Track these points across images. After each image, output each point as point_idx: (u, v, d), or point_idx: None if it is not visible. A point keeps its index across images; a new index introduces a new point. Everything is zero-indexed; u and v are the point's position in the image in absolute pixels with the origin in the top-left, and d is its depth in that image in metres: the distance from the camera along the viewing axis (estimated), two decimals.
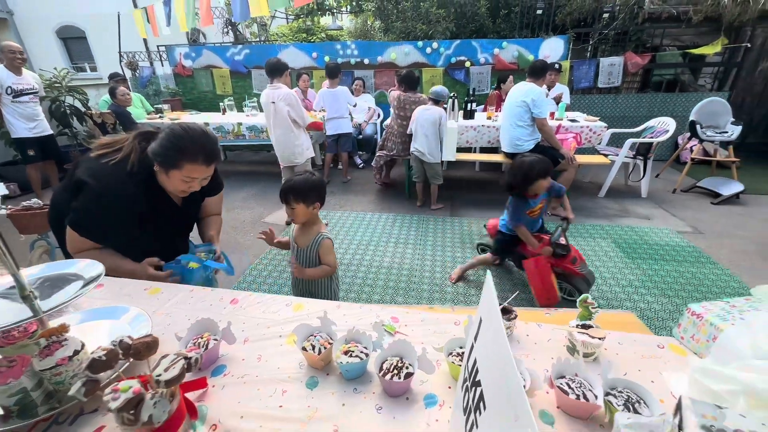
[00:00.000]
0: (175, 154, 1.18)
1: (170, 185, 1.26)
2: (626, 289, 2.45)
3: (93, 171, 1.20)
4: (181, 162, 1.19)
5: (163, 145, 1.19)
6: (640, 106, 5.12)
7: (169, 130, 1.20)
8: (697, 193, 4.07)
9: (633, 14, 4.92)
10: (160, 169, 1.22)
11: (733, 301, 0.85)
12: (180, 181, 1.23)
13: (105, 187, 1.18)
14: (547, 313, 1.49)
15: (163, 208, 1.34)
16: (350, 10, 8.14)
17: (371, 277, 2.66)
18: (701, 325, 0.82)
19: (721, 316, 0.80)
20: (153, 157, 1.20)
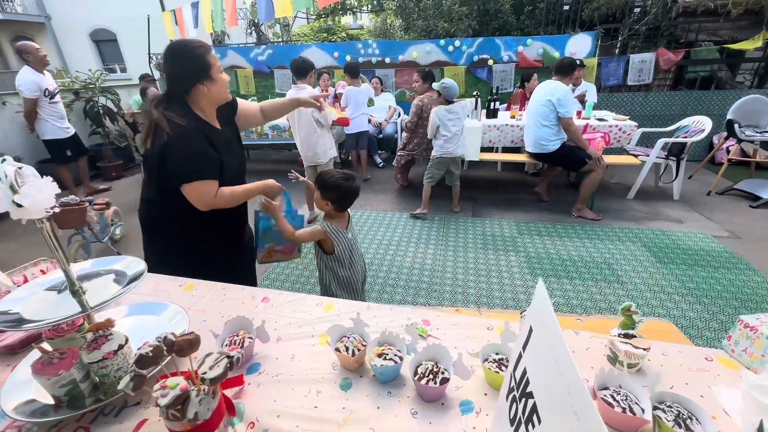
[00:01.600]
0: (200, 56, 1.24)
1: (220, 88, 1.30)
2: (658, 295, 2.36)
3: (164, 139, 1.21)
4: (207, 57, 1.25)
5: (187, 62, 1.24)
6: (672, 105, 4.91)
7: (172, 54, 1.26)
8: (733, 196, 3.87)
9: (666, 8, 4.72)
10: (205, 83, 1.26)
11: None
12: (221, 74, 1.30)
13: (182, 133, 1.22)
14: (578, 319, 1.45)
15: (214, 133, 1.34)
16: (371, 9, 8.14)
17: (393, 276, 2.65)
18: (755, 339, 0.77)
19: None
20: (189, 82, 1.24)
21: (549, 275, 2.60)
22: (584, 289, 2.44)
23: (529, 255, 2.86)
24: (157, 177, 1.29)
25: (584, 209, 3.47)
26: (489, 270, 2.69)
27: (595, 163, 3.27)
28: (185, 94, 1.28)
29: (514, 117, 4.02)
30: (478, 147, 3.58)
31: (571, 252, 2.89)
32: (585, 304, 2.29)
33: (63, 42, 11.44)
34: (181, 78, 1.26)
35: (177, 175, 1.23)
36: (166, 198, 1.31)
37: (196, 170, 1.24)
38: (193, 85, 1.25)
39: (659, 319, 1.46)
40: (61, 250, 0.77)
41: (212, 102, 1.33)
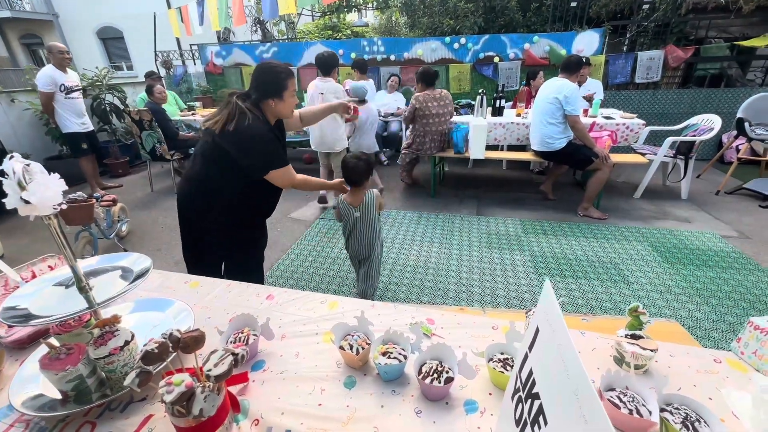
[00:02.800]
0: (281, 80, 1.50)
1: (285, 108, 1.56)
2: (665, 295, 2.33)
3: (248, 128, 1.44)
4: (286, 81, 1.51)
5: (269, 80, 1.50)
6: (680, 103, 4.85)
7: (261, 71, 1.52)
8: (743, 195, 3.81)
9: (676, 5, 4.64)
10: (275, 100, 1.51)
11: None
12: (292, 96, 1.55)
13: (265, 129, 1.50)
14: (584, 319, 1.44)
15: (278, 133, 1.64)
16: (376, 6, 8.11)
17: (396, 275, 2.65)
18: (766, 341, 0.76)
19: None
20: (265, 95, 1.50)
21: (554, 275, 2.59)
22: (590, 288, 2.42)
23: (534, 254, 2.85)
24: (221, 157, 1.47)
25: (590, 208, 3.44)
26: (494, 269, 2.68)
27: (601, 162, 3.23)
28: (258, 101, 1.52)
29: (520, 115, 3.99)
30: (483, 145, 3.56)
31: (576, 251, 2.87)
32: (591, 303, 2.28)
33: (70, 40, 11.53)
34: (261, 88, 1.51)
35: (265, 163, 1.51)
36: (226, 174, 1.51)
37: (279, 158, 1.55)
38: (266, 97, 1.51)
39: (666, 320, 1.44)
40: (69, 247, 0.78)
41: (275, 115, 1.59)
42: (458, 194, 4.17)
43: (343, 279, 2.62)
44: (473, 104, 4.17)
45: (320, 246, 3.09)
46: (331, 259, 2.89)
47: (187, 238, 1.67)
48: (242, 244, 1.70)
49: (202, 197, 1.55)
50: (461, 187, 4.43)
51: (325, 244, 3.11)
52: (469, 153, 3.70)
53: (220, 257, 1.70)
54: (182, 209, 1.62)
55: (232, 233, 1.63)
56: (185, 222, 1.64)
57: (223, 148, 1.45)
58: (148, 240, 3.35)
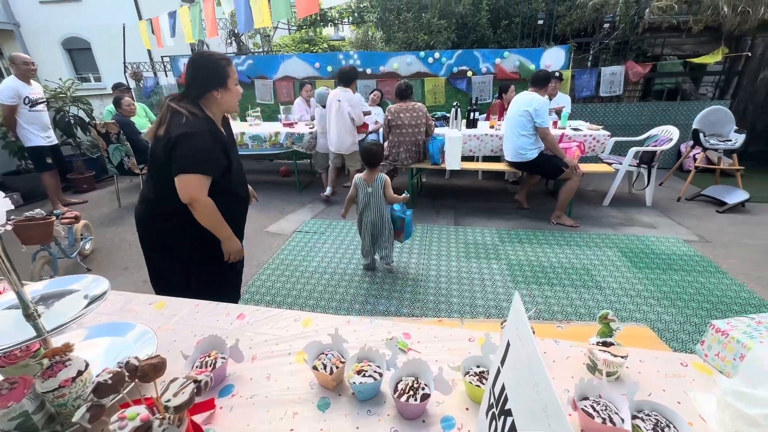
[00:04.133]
0: (222, 67, 1.36)
1: (231, 97, 1.42)
2: (635, 299, 2.42)
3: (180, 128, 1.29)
4: (228, 69, 1.38)
5: (209, 70, 1.36)
6: (642, 115, 5.13)
7: (197, 63, 1.37)
8: (701, 202, 4.04)
9: (633, 24, 4.96)
10: (220, 91, 1.37)
11: (758, 317, 0.82)
12: (236, 86, 1.43)
13: (198, 127, 1.32)
14: (558, 326, 1.46)
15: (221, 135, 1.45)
16: (352, 21, 8.23)
17: (376, 287, 2.62)
18: (727, 343, 0.79)
19: (748, 333, 0.77)
20: (207, 87, 1.36)
21: (530, 282, 2.63)
22: (564, 295, 2.48)
23: (511, 262, 2.89)
24: (163, 167, 1.33)
25: (563, 216, 3.55)
26: (471, 278, 2.70)
27: (571, 172, 3.36)
28: (199, 98, 1.38)
29: (493, 127, 4.10)
30: (458, 156, 3.63)
31: (551, 259, 2.94)
32: (566, 310, 2.32)
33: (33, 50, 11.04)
34: (199, 81, 1.37)
35: (180, 163, 1.29)
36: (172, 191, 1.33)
37: (201, 163, 1.31)
38: (208, 90, 1.37)
39: (637, 325, 1.48)
40: (13, 270, 0.72)
41: (221, 109, 1.45)
42: (436, 205, 4.22)
43: (321, 293, 2.57)
44: (448, 116, 4.26)
45: (297, 260, 3.03)
46: (309, 272, 2.83)
47: (152, 257, 1.54)
48: (210, 264, 1.55)
49: (158, 218, 1.44)
50: (439, 197, 4.48)
51: (302, 259, 3.05)
52: (445, 164, 3.76)
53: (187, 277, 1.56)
54: (141, 232, 1.51)
55: (196, 254, 1.49)
56: (146, 243, 1.53)
57: (162, 158, 1.31)
58: (114, 258, 3.18)
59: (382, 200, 2.53)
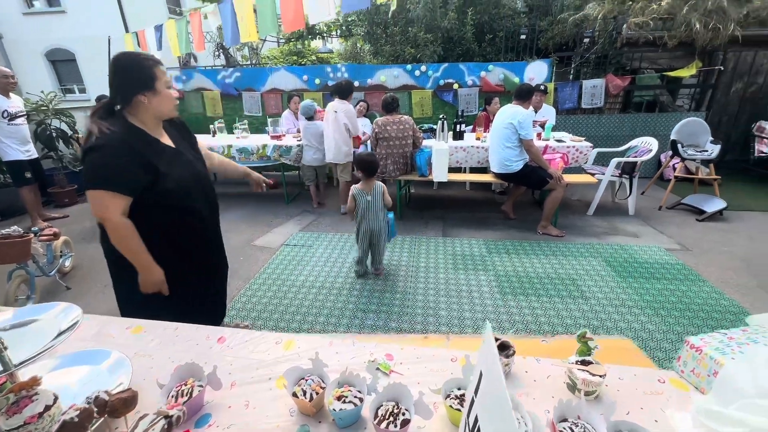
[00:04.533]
0: (147, 68, 1.26)
1: (161, 101, 1.31)
2: (620, 309, 2.45)
3: (89, 142, 1.22)
4: (154, 70, 1.27)
5: (132, 72, 1.25)
6: (623, 126, 5.28)
7: (118, 66, 1.25)
8: (681, 210, 4.15)
9: (612, 39, 5.14)
10: (147, 95, 1.27)
11: (730, 332, 0.84)
12: (166, 89, 1.31)
13: (105, 141, 1.20)
14: (543, 341, 1.47)
15: (153, 145, 1.33)
16: (340, 34, 8.34)
17: (363, 301, 2.61)
18: (701, 359, 0.81)
19: (720, 350, 0.78)
20: (132, 91, 1.25)
21: (518, 294, 2.65)
22: (551, 305, 2.50)
23: (498, 274, 2.91)
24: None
25: (548, 226, 3.60)
26: (460, 291, 2.71)
27: (556, 182, 3.42)
28: (125, 104, 1.28)
29: (479, 139, 4.17)
30: (445, 168, 3.67)
31: (537, 269, 2.96)
32: (552, 321, 2.34)
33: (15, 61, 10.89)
34: (123, 87, 1.27)
35: (85, 178, 1.21)
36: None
37: (104, 179, 1.21)
38: (133, 95, 1.26)
39: (619, 337, 1.50)
40: None
41: (153, 114, 1.33)
42: (424, 216, 4.24)
43: (308, 308, 2.54)
44: (435, 128, 4.32)
45: (285, 274, 2.99)
46: (296, 287, 2.80)
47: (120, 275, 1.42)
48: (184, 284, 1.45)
49: (105, 237, 1.32)
50: (427, 208, 4.51)
51: (290, 272, 3.02)
52: (432, 176, 3.79)
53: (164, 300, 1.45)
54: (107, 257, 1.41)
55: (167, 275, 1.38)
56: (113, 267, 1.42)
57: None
58: (95, 276, 3.10)
59: (381, 207, 2.68)
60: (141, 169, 1.25)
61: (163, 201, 1.32)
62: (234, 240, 3.67)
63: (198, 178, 1.48)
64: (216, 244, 1.69)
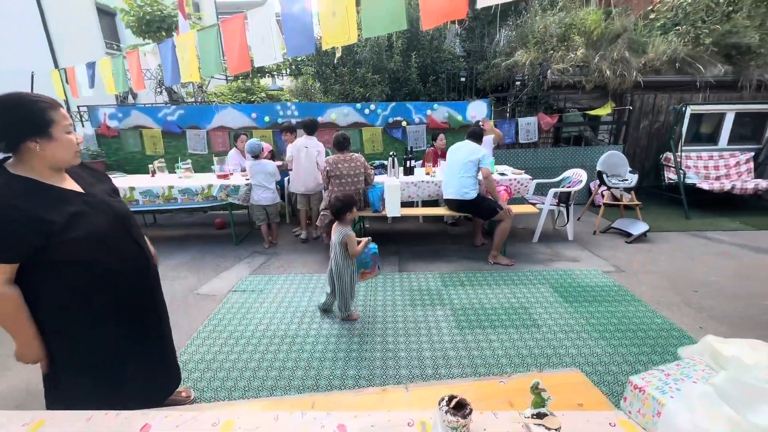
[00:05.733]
0: (40, 111, 1.12)
1: (57, 148, 1.16)
2: (569, 335, 2.55)
3: None
4: (50, 113, 1.13)
5: (21, 115, 1.10)
6: (556, 158, 5.79)
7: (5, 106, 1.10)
8: (612, 233, 4.55)
9: (539, 82, 5.74)
10: (40, 141, 1.11)
11: (666, 368, 0.88)
12: (66, 134, 1.17)
13: None
14: (501, 381, 1.46)
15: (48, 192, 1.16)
16: (290, 73, 8.46)
17: (320, 348, 2.47)
18: (644, 399, 0.83)
19: (659, 388, 0.82)
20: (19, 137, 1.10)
21: (474, 327, 2.67)
22: (507, 337, 2.53)
23: (455, 307, 2.93)
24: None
25: (499, 256, 3.75)
26: (418, 329, 2.67)
27: (504, 213, 3.61)
28: (11, 151, 1.13)
29: (429, 173, 4.32)
30: (398, 203, 3.73)
31: (491, 300, 3.03)
32: (509, 353, 2.36)
33: None
34: (9, 132, 1.11)
35: None
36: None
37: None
38: (21, 141, 1.11)
39: (570, 370, 1.53)
40: None
41: (48, 163, 1.17)
42: (380, 251, 4.21)
43: (259, 362, 2.34)
44: (386, 164, 4.42)
45: (232, 325, 2.77)
46: (245, 338, 2.59)
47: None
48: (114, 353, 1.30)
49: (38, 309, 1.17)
50: (382, 242, 4.46)
51: (237, 323, 2.80)
52: (386, 211, 3.83)
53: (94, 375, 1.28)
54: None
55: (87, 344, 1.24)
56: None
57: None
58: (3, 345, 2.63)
59: (338, 255, 2.61)
60: (28, 230, 1.07)
61: (73, 255, 1.16)
62: (176, 288, 3.37)
63: (119, 221, 1.32)
64: (151, 298, 1.49)
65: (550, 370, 1.95)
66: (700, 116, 5.89)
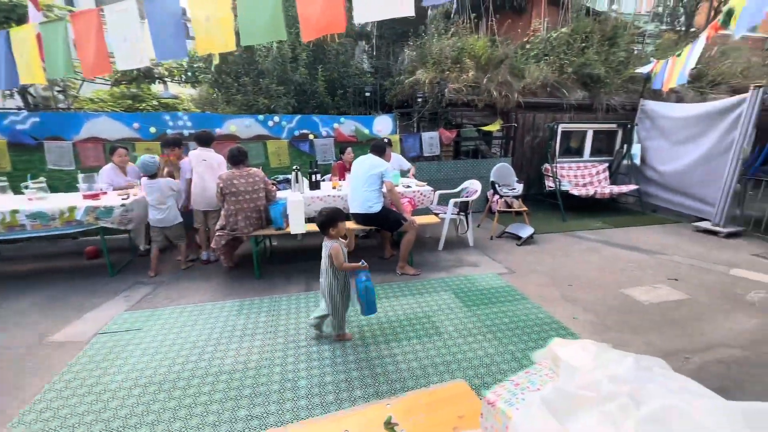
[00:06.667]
0: None
1: None
2: (467, 338, 2.66)
3: None
4: None
5: None
6: (457, 170, 6.23)
7: None
8: (507, 238, 5.02)
9: (438, 100, 6.15)
10: None
11: (516, 378, 0.91)
12: None
13: None
14: (387, 404, 1.41)
15: None
16: (185, 80, 7.71)
17: (207, 389, 2.17)
18: (495, 414, 0.84)
19: (508, 401, 0.83)
20: None
21: (380, 342, 2.63)
22: (411, 349, 2.54)
23: (361, 323, 2.87)
24: None
25: (406, 266, 3.82)
26: (321, 350, 2.53)
27: (409, 225, 3.70)
28: None
29: (335, 187, 4.25)
30: (302, 219, 3.56)
31: (398, 311, 3.04)
32: (412, 366, 2.36)
33: None
34: None
35: None
36: None
37: None
38: None
39: (454, 382, 1.57)
40: None
41: None
42: (287, 270, 3.99)
43: (125, 418, 1.95)
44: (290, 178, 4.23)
45: (95, 374, 2.30)
46: (110, 391, 2.16)
47: None
48: None
49: None
50: (291, 261, 4.27)
51: (102, 373, 2.32)
52: (289, 228, 3.63)
53: None
54: None
55: None
56: None
57: None
58: None
59: (327, 269, 2.52)
60: None
61: None
62: (18, 337, 2.70)
63: None
64: None
65: (436, 385, 1.98)
66: (569, 133, 6.94)
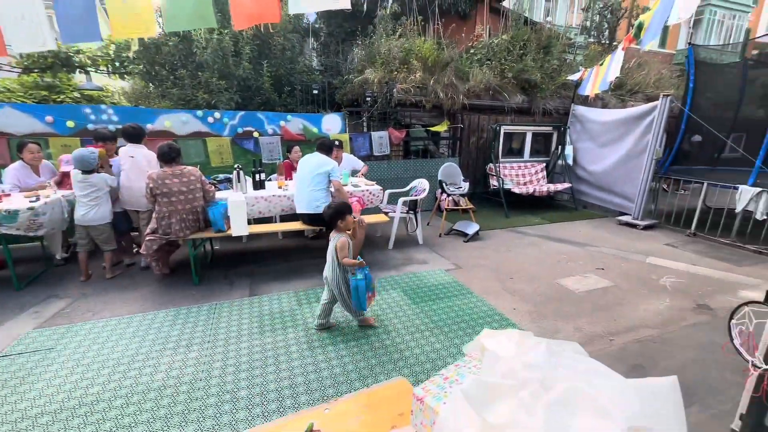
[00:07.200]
0: None
1: None
2: (415, 335, 2.69)
3: None
4: None
5: None
6: (407, 169, 6.31)
7: None
8: (454, 235, 5.17)
9: (388, 100, 6.19)
10: None
11: (446, 371, 0.91)
12: None
13: None
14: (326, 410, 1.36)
15: None
16: (112, 71, 7.01)
17: (132, 409, 1.96)
18: (424, 410, 0.83)
19: (437, 396, 0.83)
20: None
21: (326, 344, 2.57)
22: (359, 350, 2.51)
23: (308, 326, 2.78)
24: None
25: None
26: (265, 358, 2.41)
27: (358, 225, 3.65)
28: None
29: (281, 187, 4.10)
30: (244, 221, 3.38)
31: (345, 313, 2.99)
32: (359, 367, 2.33)
33: None
34: None
35: None
36: None
37: None
38: None
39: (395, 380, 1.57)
40: None
41: None
42: (229, 274, 3.77)
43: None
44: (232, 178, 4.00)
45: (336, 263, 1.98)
46: (9, 423, 1.86)
47: None
48: None
49: None
50: (233, 265, 4.04)
51: (2, 399, 2.01)
52: (231, 231, 3.43)
53: None
54: None
55: None
56: None
57: None
58: None
59: (333, 261, 2.59)
60: None
61: None
62: None
63: None
64: None
65: (378, 384, 1.98)
66: (511, 134, 7.33)
